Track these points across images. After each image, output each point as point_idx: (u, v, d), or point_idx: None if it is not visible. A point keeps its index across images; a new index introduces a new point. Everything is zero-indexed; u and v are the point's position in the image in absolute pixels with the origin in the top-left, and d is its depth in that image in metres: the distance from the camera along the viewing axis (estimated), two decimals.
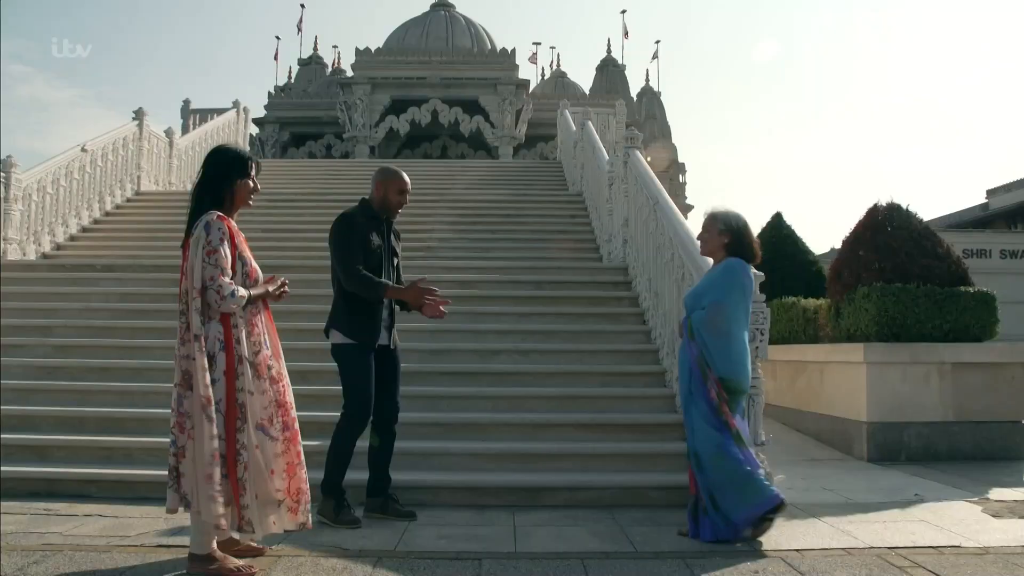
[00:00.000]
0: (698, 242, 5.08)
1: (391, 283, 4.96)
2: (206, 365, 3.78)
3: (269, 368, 4.00)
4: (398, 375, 5.15)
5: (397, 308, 5.15)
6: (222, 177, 4.06)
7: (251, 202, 4.19)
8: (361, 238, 4.93)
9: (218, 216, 3.95)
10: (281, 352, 4.14)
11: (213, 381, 3.78)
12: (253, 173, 4.14)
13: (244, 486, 3.80)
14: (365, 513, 5.00)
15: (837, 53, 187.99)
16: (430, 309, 4.93)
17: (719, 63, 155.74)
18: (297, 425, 4.06)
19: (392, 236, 5.21)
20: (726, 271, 4.69)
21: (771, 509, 4.43)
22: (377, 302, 4.93)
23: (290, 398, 4.06)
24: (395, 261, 5.20)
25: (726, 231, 4.76)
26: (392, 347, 5.10)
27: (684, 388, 4.72)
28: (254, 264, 4.08)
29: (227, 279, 3.86)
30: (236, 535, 4.09)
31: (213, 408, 3.75)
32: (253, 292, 3.99)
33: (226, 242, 3.90)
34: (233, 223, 4.02)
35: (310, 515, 4.07)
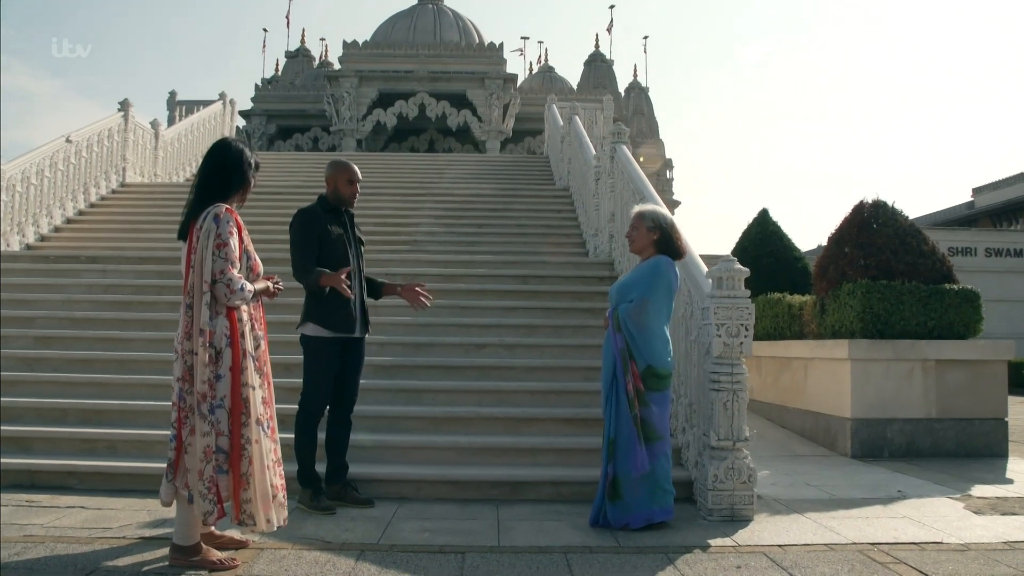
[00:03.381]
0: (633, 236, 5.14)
1: (327, 271, 4.93)
2: (207, 360, 3.75)
3: (265, 364, 4.01)
4: (361, 367, 5.27)
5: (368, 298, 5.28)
6: (233, 170, 4.04)
7: (246, 198, 4.18)
8: (320, 231, 5.03)
9: (226, 208, 3.92)
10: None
11: (219, 377, 3.76)
12: (254, 170, 4.14)
13: (247, 480, 3.79)
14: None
15: (825, 50, 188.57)
16: (410, 294, 5.24)
17: (708, 60, 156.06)
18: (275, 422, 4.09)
19: (355, 227, 5.30)
20: (654, 268, 4.85)
21: (665, 521, 4.73)
22: (318, 289, 4.94)
23: (272, 395, 4.08)
24: (360, 250, 5.30)
25: (655, 228, 4.95)
26: (360, 337, 5.20)
27: (607, 378, 4.83)
28: (257, 258, 4.08)
29: (237, 273, 3.84)
30: (237, 532, 4.10)
31: (207, 405, 3.73)
32: (256, 287, 3.98)
33: (235, 235, 3.89)
34: (238, 216, 4.00)
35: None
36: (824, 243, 8.88)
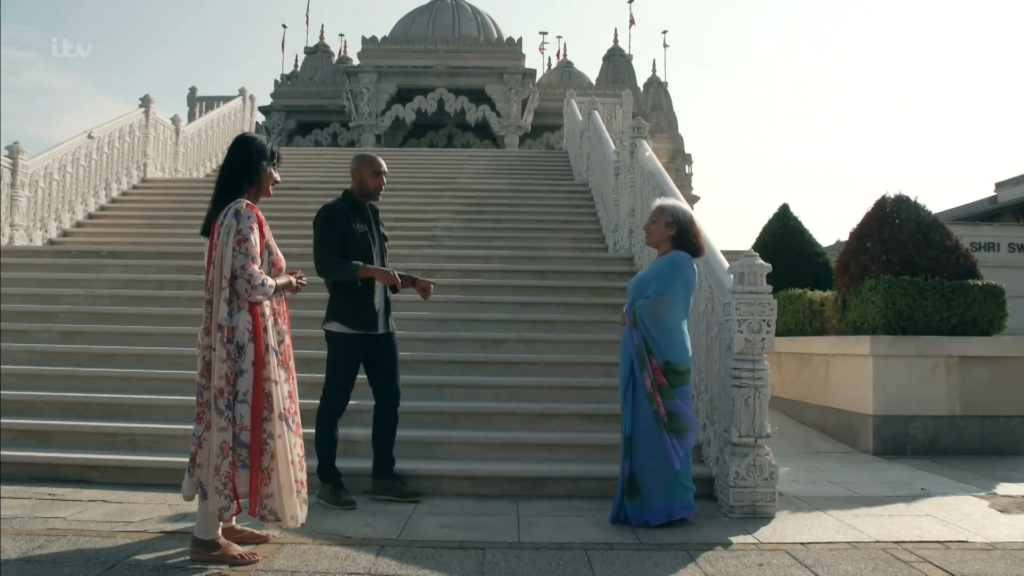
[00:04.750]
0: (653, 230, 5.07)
1: (362, 263, 4.98)
2: (224, 356, 3.76)
3: (290, 359, 4.02)
4: (396, 360, 5.24)
5: (390, 294, 5.27)
6: (252, 164, 4.04)
7: (271, 191, 4.18)
8: (344, 227, 5.03)
9: (247, 204, 3.92)
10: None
11: (241, 372, 3.77)
12: (276, 163, 4.14)
13: (268, 475, 3.81)
14: (372, 495, 5.13)
15: (845, 44, 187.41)
16: (424, 293, 5.22)
17: (726, 54, 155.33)
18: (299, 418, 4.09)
19: (379, 224, 5.31)
20: (671, 263, 4.81)
21: (685, 517, 4.69)
22: (353, 282, 4.98)
23: (296, 390, 4.09)
24: (384, 246, 5.31)
25: (673, 224, 4.89)
26: (389, 332, 5.19)
27: (625, 374, 4.81)
28: (279, 253, 4.08)
29: (257, 268, 3.84)
30: (264, 529, 4.11)
31: (224, 401, 3.74)
32: (279, 281, 3.99)
33: (256, 230, 3.89)
34: (259, 211, 4.01)
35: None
36: (845, 238, 8.81)
